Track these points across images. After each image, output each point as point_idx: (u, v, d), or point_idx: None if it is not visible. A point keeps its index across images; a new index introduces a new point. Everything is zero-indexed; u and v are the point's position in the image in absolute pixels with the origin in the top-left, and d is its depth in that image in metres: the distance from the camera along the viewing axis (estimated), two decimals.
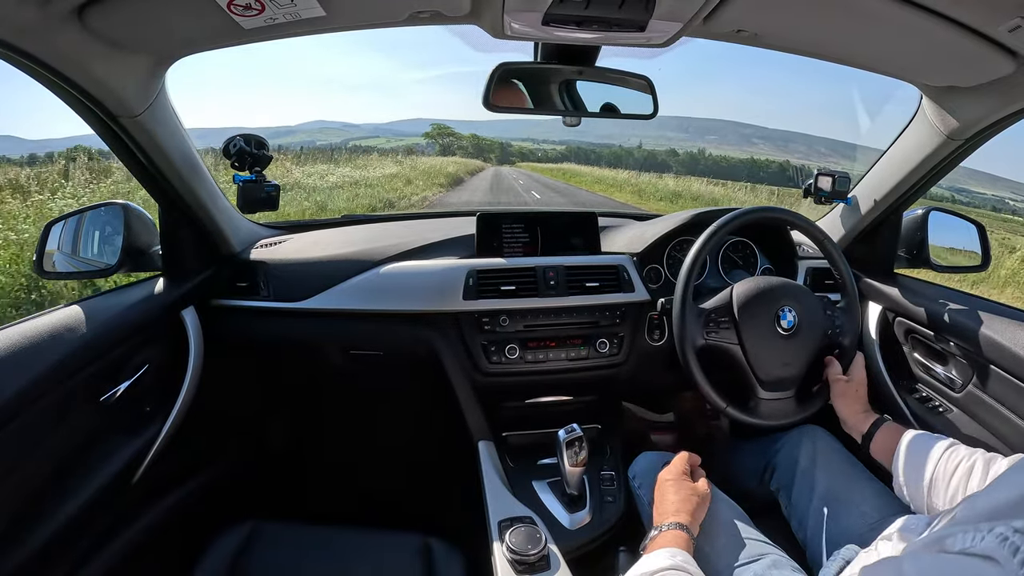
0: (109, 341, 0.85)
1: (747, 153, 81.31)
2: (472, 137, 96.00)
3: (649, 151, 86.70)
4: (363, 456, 1.55)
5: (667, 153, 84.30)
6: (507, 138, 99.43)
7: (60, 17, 0.61)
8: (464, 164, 32.08)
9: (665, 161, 76.66)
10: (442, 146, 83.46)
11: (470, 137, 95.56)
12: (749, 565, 0.72)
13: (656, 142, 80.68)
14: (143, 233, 1.02)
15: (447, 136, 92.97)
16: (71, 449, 0.81)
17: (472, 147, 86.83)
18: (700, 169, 57.62)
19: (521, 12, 0.71)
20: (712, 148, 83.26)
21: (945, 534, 0.36)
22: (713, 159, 75.54)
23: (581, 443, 0.91)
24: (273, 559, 0.89)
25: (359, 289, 1.12)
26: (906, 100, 1.03)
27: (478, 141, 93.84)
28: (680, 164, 71.06)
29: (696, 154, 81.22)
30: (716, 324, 1.00)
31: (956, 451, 0.74)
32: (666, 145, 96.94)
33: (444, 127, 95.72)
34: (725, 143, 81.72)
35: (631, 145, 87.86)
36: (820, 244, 1.05)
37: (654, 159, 79.00)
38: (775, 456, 0.97)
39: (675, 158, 79.86)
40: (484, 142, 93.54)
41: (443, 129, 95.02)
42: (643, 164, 64.36)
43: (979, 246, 1.16)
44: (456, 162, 31.68)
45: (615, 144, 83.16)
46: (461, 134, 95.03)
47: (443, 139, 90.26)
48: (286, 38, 0.77)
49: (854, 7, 0.68)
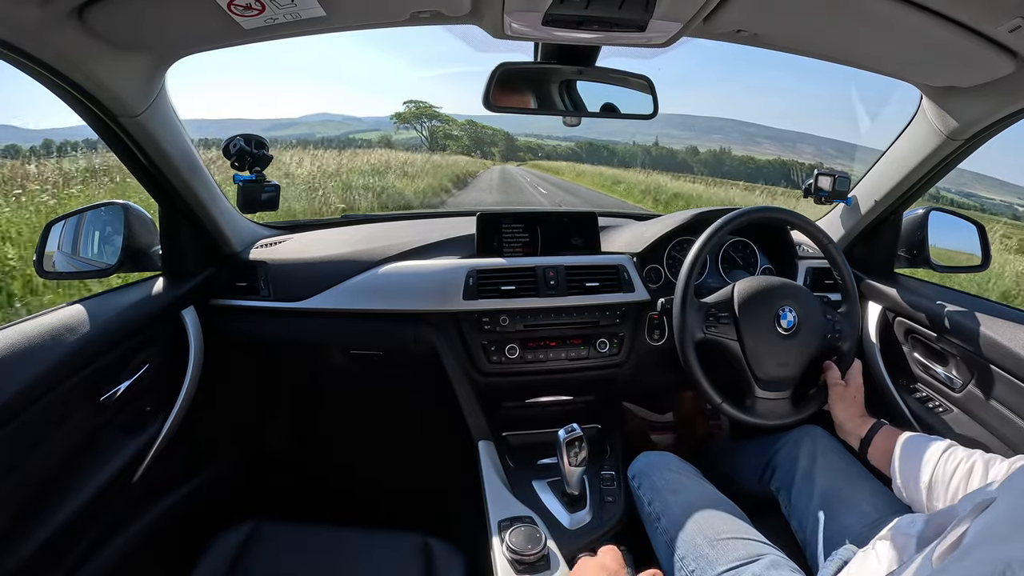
0: (109, 341, 0.85)
1: (757, 153, 73.44)
2: (468, 124, 72.12)
3: (667, 149, 76.54)
4: (363, 456, 1.55)
5: (687, 152, 74.06)
6: (513, 132, 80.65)
7: (60, 17, 0.61)
8: (451, 165, 20.58)
9: (685, 160, 67.23)
10: (429, 135, 61.10)
11: (465, 124, 71.08)
12: (748, 565, 0.72)
13: (661, 140, 72.29)
14: (143, 233, 1.02)
15: (432, 119, 62.73)
16: (71, 449, 0.81)
17: (469, 139, 68.12)
18: (726, 171, 49.14)
19: (521, 12, 0.71)
20: (716, 147, 74.08)
21: (957, 569, 0.36)
22: (739, 159, 65.93)
23: (581, 443, 0.91)
24: (273, 559, 0.89)
25: (359, 289, 1.12)
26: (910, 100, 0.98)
27: (475, 130, 72.72)
28: (702, 164, 62.10)
29: (719, 153, 70.90)
30: (716, 319, 1.00)
31: (954, 452, 0.74)
32: (684, 142, 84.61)
33: (426, 106, 62.61)
34: (730, 142, 74.46)
35: (646, 143, 74.82)
36: (820, 244, 1.05)
37: (673, 158, 69.91)
38: (775, 456, 0.97)
39: (696, 157, 69.61)
40: (484, 132, 73.60)
41: (424, 108, 61.61)
42: (660, 163, 57.26)
43: (979, 246, 1.16)
44: (440, 164, 19.86)
45: (626, 140, 72.52)
46: (453, 119, 66.71)
47: (423, 123, 61.54)
48: (286, 38, 0.77)
49: (854, 7, 0.68)
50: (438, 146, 57.31)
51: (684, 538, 0.80)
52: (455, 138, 64.52)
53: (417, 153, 23.64)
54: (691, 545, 0.78)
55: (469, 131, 71.25)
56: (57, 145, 6.62)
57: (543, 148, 73.32)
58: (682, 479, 0.91)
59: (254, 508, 1.03)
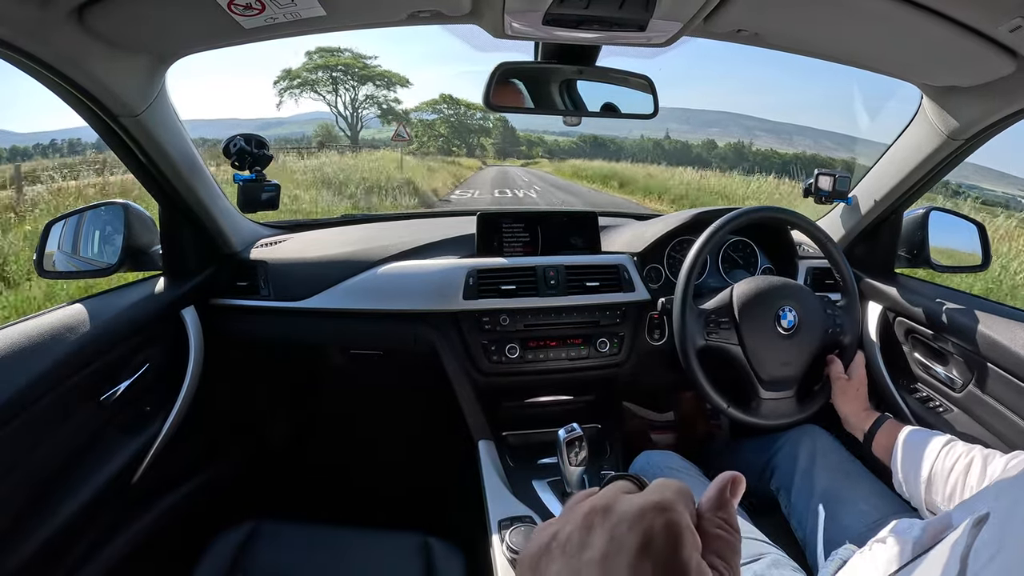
0: (109, 341, 0.85)
1: (779, 146, 65.94)
2: (444, 99, 44.82)
3: (681, 142, 66.37)
4: (363, 455, 1.55)
5: (703, 145, 64.21)
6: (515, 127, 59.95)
7: (60, 17, 0.61)
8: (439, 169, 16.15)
9: (700, 155, 58.53)
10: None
11: (444, 99, 44.78)
12: (749, 565, 0.72)
13: (656, 133, 65.76)
14: (143, 232, 1.02)
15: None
16: (71, 449, 0.81)
17: (453, 130, 44.95)
18: (748, 167, 46.11)
19: (521, 12, 0.71)
20: (734, 140, 66.44)
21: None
22: (762, 154, 56.63)
23: (581, 443, 0.91)
24: (273, 558, 0.89)
25: (359, 289, 1.12)
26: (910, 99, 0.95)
27: (461, 116, 45.27)
28: (721, 159, 53.58)
29: (738, 145, 61.23)
30: (716, 325, 1.00)
31: (954, 447, 0.74)
32: (684, 135, 74.90)
33: (349, 59, 33.02)
34: (728, 136, 69.55)
35: (656, 136, 63.90)
36: (820, 244, 1.05)
37: (688, 152, 60.82)
38: (775, 456, 0.97)
39: (714, 151, 60.39)
40: (471, 122, 46.46)
41: (349, 58, 33.00)
42: (674, 157, 49.48)
43: (979, 246, 1.16)
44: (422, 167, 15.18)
45: (635, 134, 62.27)
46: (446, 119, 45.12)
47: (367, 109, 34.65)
48: (286, 38, 0.77)
49: (854, 7, 0.68)
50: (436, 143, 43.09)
51: None
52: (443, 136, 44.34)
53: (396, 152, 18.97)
54: None
55: (459, 126, 46.25)
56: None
57: (544, 142, 56.77)
58: (683, 477, 0.92)
59: (254, 508, 1.03)
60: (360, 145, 29.97)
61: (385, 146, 23.92)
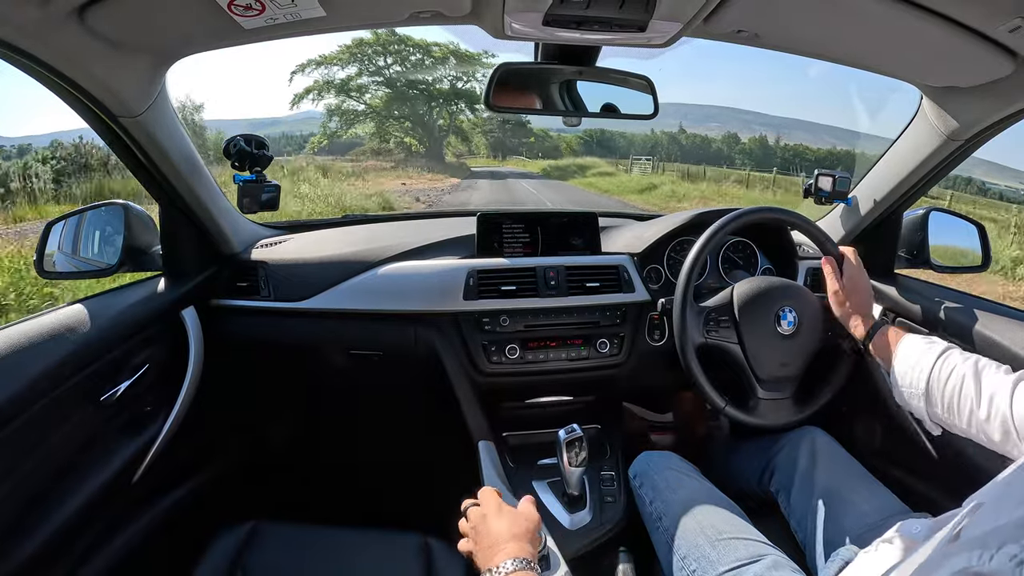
0: (109, 341, 0.85)
1: (810, 142, 56.68)
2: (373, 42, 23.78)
3: (701, 136, 57.29)
4: (363, 456, 1.55)
5: (724, 140, 54.71)
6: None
7: (60, 17, 0.61)
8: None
9: (720, 150, 50.77)
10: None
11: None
12: (749, 566, 0.72)
13: (661, 128, 56.99)
14: (143, 233, 1.02)
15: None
16: (71, 449, 0.81)
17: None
18: (778, 165, 35.91)
19: (521, 12, 0.71)
20: (757, 134, 56.54)
21: (951, 552, 0.36)
22: (793, 150, 48.99)
23: (581, 443, 0.91)
24: (273, 559, 0.89)
25: (359, 289, 1.12)
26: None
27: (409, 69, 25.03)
28: (748, 156, 46.33)
29: (762, 140, 52.47)
30: (716, 323, 1.00)
31: (950, 356, 0.75)
32: (718, 129, 64.24)
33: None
34: (726, 128, 64.77)
35: (670, 129, 54.30)
36: (820, 245, 1.05)
37: (707, 147, 52.46)
38: (775, 457, 0.97)
39: (738, 146, 51.88)
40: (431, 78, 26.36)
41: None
42: (692, 155, 43.59)
43: (979, 246, 1.16)
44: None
45: (645, 129, 51.75)
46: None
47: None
48: (287, 38, 0.77)
49: (854, 7, 0.68)
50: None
51: (686, 538, 0.80)
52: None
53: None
54: (693, 545, 0.78)
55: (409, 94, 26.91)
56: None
57: (548, 136, 39.75)
58: (683, 478, 0.92)
59: (254, 508, 1.03)
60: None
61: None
